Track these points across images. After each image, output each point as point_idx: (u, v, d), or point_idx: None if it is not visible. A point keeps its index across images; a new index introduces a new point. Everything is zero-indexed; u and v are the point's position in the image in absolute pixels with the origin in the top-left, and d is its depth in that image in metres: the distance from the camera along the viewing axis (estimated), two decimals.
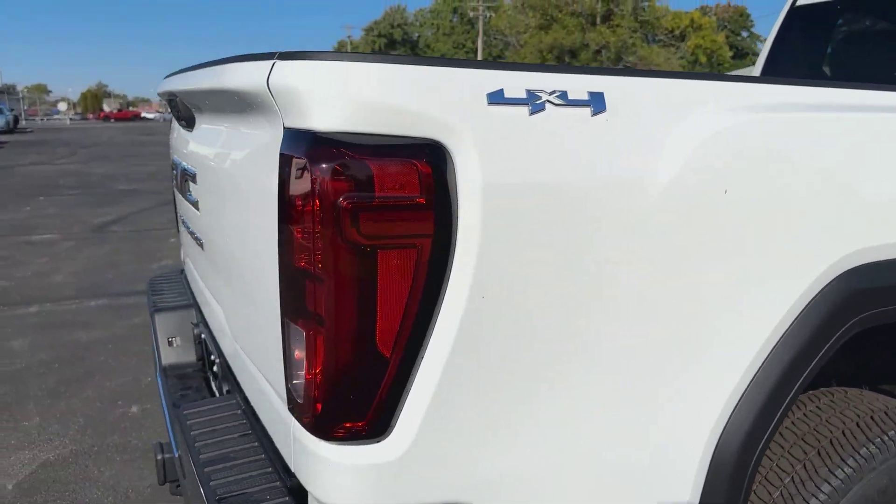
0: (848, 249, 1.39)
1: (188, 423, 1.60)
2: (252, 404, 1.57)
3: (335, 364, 1.13)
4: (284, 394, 1.26)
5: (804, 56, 3.82)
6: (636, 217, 1.22)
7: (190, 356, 2.42)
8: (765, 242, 1.32)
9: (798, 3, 3.80)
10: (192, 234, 1.95)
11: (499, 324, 1.16)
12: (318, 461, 1.19)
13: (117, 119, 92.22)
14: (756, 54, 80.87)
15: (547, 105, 1.16)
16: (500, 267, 1.14)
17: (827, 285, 1.38)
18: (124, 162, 21.64)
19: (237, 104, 1.31)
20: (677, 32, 44.44)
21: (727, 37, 68.58)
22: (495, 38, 61.66)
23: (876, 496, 1.55)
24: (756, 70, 3.97)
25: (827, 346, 1.40)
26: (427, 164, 1.09)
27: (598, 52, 38.27)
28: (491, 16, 60.17)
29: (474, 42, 75.17)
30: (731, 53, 64.69)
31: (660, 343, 1.28)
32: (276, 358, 1.27)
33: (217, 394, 2.14)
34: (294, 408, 1.22)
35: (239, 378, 1.68)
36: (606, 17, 39.11)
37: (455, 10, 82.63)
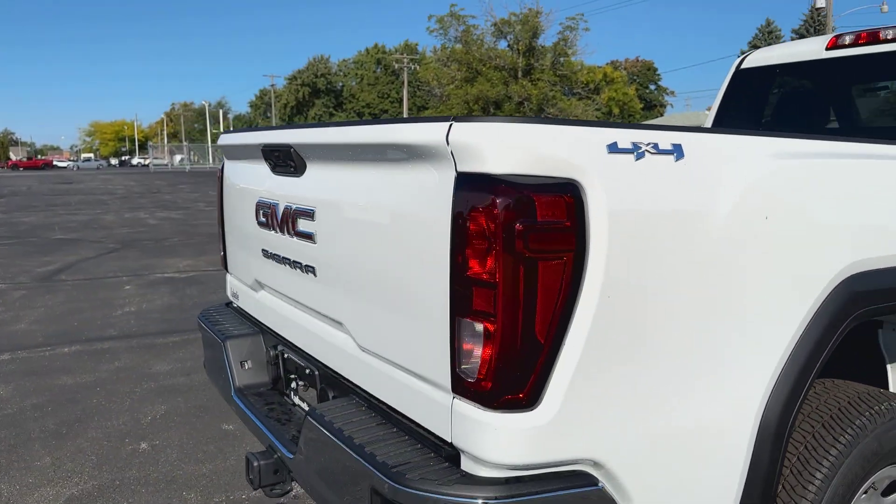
0: (847, 261, 1.85)
1: (327, 419, 1.89)
2: (382, 399, 1.88)
3: (504, 349, 1.49)
4: (444, 379, 1.60)
5: (748, 111, 4.45)
6: (706, 237, 1.64)
7: (262, 377, 2.69)
8: (794, 257, 1.77)
9: (742, 67, 4.44)
10: (294, 264, 2.25)
11: (619, 317, 1.54)
12: (482, 427, 1.53)
13: (27, 168, 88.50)
14: (663, 105, 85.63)
15: (646, 153, 1.58)
16: (620, 273, 1.53)
17: (834, 289, 1.83)
18: (51, 211, 21.00)
19: (399, 155, 1.67)
20: (592, 86, 46.90)
21: (637, 90, 72.63)
22: (420, 90, 63.29)
23: (870, 456, 1.99)
24: (708, 123, 4.58)
25: (835, 336, 1.85)
26: (570, 196, 1.48)
27: (520, 103, 39.96)
28: (415, 68, 61.82)
29: (398, 92, 76.77)
30: (641, 105, 68.52)
31: (725, 336, 1.70)
32: (436, 351, 1.61)
33: (306, 405, 2.42)
34: (460, 387, 1.56)
35: (360, 381, 1.99)
36: (528, 72, 40.97)
37: (379, 62, 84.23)
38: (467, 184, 1.51)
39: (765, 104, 4.40)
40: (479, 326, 1.51)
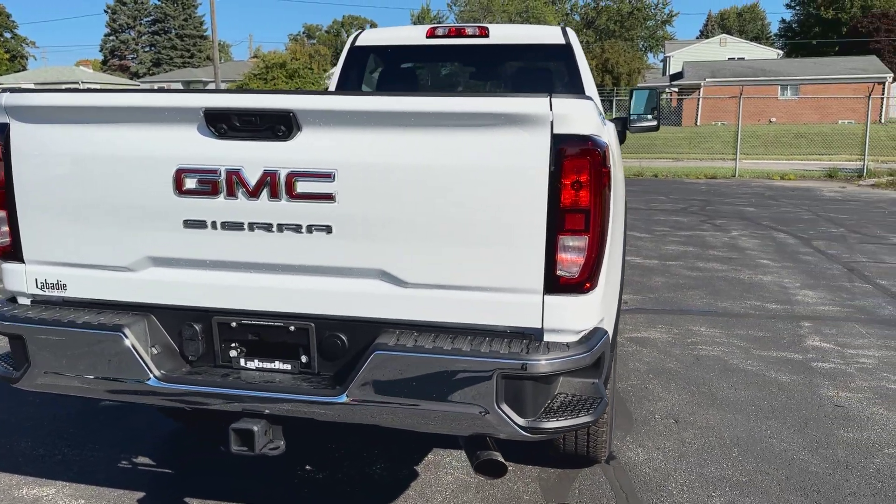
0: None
1: (411, 346, 2.20)
2: (443, 321, 2.29)
3: (592, 253, 2.23)
4: (535, 284, 2.22)
5: (367, 81, 5.42)
6: (616, 166, 2.65)
7: (174, 359, 2.49)
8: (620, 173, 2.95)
9: (357, 44, 5.34)
10: (281, 227, 2.26)
11: (614, 225, 2.44)
12: (572, 309, 2.27)
13: None
14: (25, 57, 77.19)
15: (602, 117, 2.49)
16: (615, 196, 2.42)
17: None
18: None
19: (488, 121, 2.13)
20: None
21: None
22: None
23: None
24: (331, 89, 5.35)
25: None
26: (607, 147, 2.28)
27: None
28: None
29: None
30: (7, 56, 60.28)
31: (623, 229, 2.77)
32: (527, 265, 2.21)
33: (280, 362, 2.46)
34: (555, 286, 2.22)
35: (404, 315, 2.30)
36: None
37: None
38: (566, 141, 2.15)
39: (379, 76, 5.44)
40: (575, 240, 2.20)
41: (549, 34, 5.06)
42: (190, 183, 2.33)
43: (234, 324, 2.47)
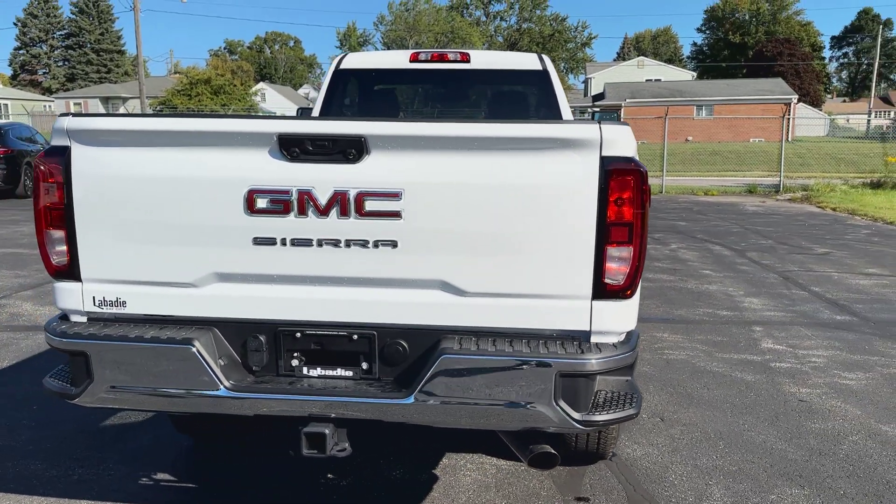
0: None
1: (476, 349, 2.40)
2: (502, 326, 2.50)
3: (636, 262, 2.50)
4: (585, 291, 2.47)
5: (350, 102, 5.58)
6: None
7: (238, 370, 2.60)
8: None
9: (341, 67, 5.51)
10: (350, 242, 2.43)
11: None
12: (617, 313, 2.52)
13: None
14: None
15: None
16: None
17: None
18: None
19: (545, 145, 2.37)
20: None
21: None
22: None
23: None
24: (315, 111, 5.49)
25: None
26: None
27: None
28: None
29: None
30: None
31: None
32: (577, 273, 2.45)
33: (341, 369, 2.60)
34: (602, 292, 2.47)
35: (464, 322, 2.50)
36: None
37: None
38: (614, 162, 2.41)
39: (363, 97, 5.61)
40: (621, 251, 2.47)
41: (526, 60, 5.36)
42: (261, 203, 2.48)
43: (298, 334, 2.61)
